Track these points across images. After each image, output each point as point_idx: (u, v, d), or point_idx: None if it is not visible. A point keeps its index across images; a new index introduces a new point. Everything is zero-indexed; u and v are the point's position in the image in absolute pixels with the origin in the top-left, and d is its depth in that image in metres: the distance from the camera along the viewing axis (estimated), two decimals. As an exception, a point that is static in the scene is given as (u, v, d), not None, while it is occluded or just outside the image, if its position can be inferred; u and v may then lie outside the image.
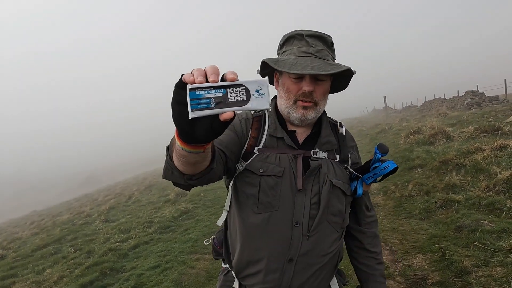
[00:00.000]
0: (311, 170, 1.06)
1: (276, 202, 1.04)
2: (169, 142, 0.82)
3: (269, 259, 1.04)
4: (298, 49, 1.03)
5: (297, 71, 0.96)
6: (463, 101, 16.61)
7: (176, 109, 0.62)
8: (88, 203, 15.42)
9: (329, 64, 1.00)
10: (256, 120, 1.14)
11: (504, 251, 2.81)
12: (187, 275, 3.76)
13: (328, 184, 1.07)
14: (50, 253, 6.10)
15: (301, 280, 1.06)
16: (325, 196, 1.06)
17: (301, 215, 1.04)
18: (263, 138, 1.09)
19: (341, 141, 1.17)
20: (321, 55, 1.02)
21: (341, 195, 1.11)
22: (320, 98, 1.07)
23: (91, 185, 42.28)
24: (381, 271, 1.25)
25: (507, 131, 6.45)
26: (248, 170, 1.07)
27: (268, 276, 1.05)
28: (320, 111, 1.10)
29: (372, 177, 1.09)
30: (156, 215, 7.29)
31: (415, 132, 8.78)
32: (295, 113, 1.07)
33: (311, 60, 0.99)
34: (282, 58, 1.04)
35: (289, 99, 1.07)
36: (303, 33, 1.03)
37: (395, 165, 1.06)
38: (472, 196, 4.10)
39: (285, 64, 0.99)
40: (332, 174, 1.09)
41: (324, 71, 0.96)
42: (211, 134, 0.63)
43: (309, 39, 1.02)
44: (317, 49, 1.02)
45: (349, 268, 3.19)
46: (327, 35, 1.05)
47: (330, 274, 1.15)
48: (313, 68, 0.96)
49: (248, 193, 1.07)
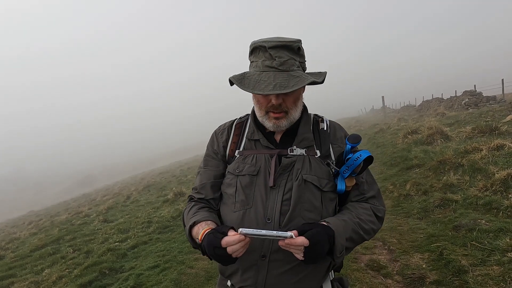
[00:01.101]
0: (282, 167, 1.10)
1: (250, 199, 1.10)
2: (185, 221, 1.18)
3: (243, 256, 1.06)
4: (263, 62, 1.04)
5: (259, 92, 1.00)
6: (460, 101, 16.69)
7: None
8: (86, 203, 15.40)
9: (293, 78, 1.01)
10: (237, 127, 1.26)
11: (501, 250, 2.83)
12: (186, 274, 3.77)
13: (299, 179, 1.08)
14: (48, 253, 6.08)
15: (276, 277, 1.06)
16: (295, 192, 1.07)
17: (273, 211, 1.07)
18: (243, 142, 1.21)
19: (321, 136, 1.19)
20: (285, 68, 1.02)
21: (316, 190, 1.09)
22: (290, 106, 1.11)
23: (89, 185, 42.17)
24: (351, 219, 1.08)
25: (504, 131, 6.50)
26: (228, 172, 1.19)
27: (245, 274, 1.09)
28: (294, 117, 1.14)
29: (348, 169, 1.06)
30: (155, 215, 7.29)
31: (413, 132, 8.82)
32: (268, 123, 1.13)
33: (274, 76, 1.01)
34: (248, 72, 1.07)
35: (261, 110, 1.13)
36: (266, 45, 1.02)
37: (368, 154, 1.04)
38: (469, 196, 4.13)
39: (250, 83, 1.03)
40: (306, 170, 1.10)
41: (287, 87, 0.98)
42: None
43: (272, 51, 1.02)
44: (281, 62, 1.01)
45: (347, 268, 3.22)
46: (292, 42, 1.03)
47: (317, 275, 1.11)
48: (275, 86, 0.99)
49: (228, 193, 1.16)
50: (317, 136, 1.19)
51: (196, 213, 1.15)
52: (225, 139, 1.25)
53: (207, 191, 1.21)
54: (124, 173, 42.07)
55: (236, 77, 1.06)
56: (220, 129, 1.30)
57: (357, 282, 2.95)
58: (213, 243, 0.93)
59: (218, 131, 1.30)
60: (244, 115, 1.30)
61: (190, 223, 1.09)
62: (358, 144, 1.07)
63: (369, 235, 1.12)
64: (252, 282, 1.07)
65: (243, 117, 1.30)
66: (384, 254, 3.44)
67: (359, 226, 1.08)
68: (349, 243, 1.05)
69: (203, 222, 1.07)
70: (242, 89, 1.04)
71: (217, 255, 0.94)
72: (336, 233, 0.98)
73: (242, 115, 1.32)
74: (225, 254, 0.91)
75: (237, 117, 1.31)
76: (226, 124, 1.31)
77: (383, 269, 3.11)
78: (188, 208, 1.22)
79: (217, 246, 0.92)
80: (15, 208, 33.20)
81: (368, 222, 1.11)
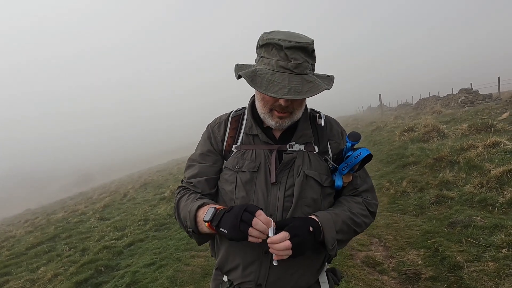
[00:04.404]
0: (284, 163, 1.09)
1: (251, 196, 1.08)
2: (186, 222, 1.08)
3: (246, 252, 1.06)
4: (277, 62, 0.99)
5: (273, 95, 0.96)
6: (457, 99, 16.75)
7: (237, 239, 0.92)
8: (83, 201, 15.33)
9: (307, 83, 0.98)
10: (234, 120, 1.22)
11: (496, 246, 2.85)
12: (183, 272, 3.76)
13: (301, 175, 1.08)
14: (44, 251, 6.05)
15: (277, 273, 1.06)
16: (298, 187, 1.06)
17: (275, 208, 1.06)
18: (240, 136, 1.17)
19: (319, 132, 1.18)
20: (299, 71, 0.98)
21: (316, 185, 1.09)
22: (297, 107, 1.09)
23: (86, 184, 42.02)
24: (343, 212, 1.09)
25: (500, 129, 6.53)
26: (226, 167, 1.15)
27: (246, 270, 1.08)
28: (297, 117, 1.12)
29: (347, 167, 1.06)
30: (152, 212, 7.27)
31: (409, 129, 8.85)
32: (271, 120, 1.10)
33: (288, 79, 0.97)
34: (259, 70, 1.01)
35: (265, 107, 1.09)
36: (283, 45, 0.97)
37: (368, 152, 1.03)
38: (465, 193, 4.15)
39: (262, 82, 0.98)
40: (307, 165, 1.10)
41: (301, 93, 0.95)
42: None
43: (288, 52, 0.97)
44: (296, 64, 0.97)
45: (343, 264, 3.22)
46: (308, 43, 0.99)
47: (315, 269, 1.14)
48: (289, 90, 0.95)
49: (226, 189, 1.13)
50: (315, 132, 1.18)
51: (200, 198, 1.12)
52: (222, 133, 1.21)
53: (204, 187, 1.17)
54: (121, 172, 41.93)
55: (247, 74, 1.00)
56: (216, 122, 1.25)
57: (353, 278, 2.95)
58: (240, 216, 0.91)
59: (213, 125, 1.25)
60: (240, 108, 1.27)
61: (198, 203, 1.05)
62: (358, 142, 1.06)
63: (361, 228, 1.12)
64: (253, 278, 1.07)
65: (239, 110, 1.26)
66: (380, 251, 3.45)
67: (350, 219, 1.08)
68: (341, 235, 1.05)
69: (212, 204, 1.06)
70: (253, 87, 1.00)
71: (237, 229, 0.90)
72: (324, 225, 1.00)
73: (238, 108, 1.28)
74: (246, 231, 0.90)
75: (232, 110, 1.27)
76: (222, 117, 1.26)
77: (379, 266, 3.12)
78: (185, 195, 1.17)
79: (244, 220, 0.90)
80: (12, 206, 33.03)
81: (359, 215, 1.11)
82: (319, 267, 1.16)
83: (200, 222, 1.02)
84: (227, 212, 0.95)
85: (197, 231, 1.05)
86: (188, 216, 1.06)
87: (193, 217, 1.04)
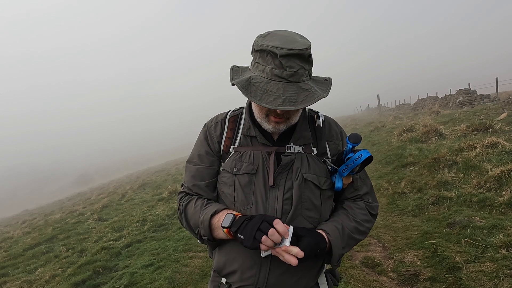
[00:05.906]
0: (282, 166, 1.08)
1: (250, 199, 1.07)
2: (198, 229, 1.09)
3: (245, 256, 1.05)
4: (271, 70, 0.95)
5: (267, 105, 0.93)
6: (455, 100, 16.79)
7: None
8: (81, 202, 15.30)
9: (303, 91, 0.96)
10: (232, 121, 1.20)
11: (494, 246, 2.85)
12: (181, 273, 3.74)
13: (299, 178, 1.07)
14: (42, 252, 6.03)
15: (277, 277, 1.06)
16: (296, 191, 1.06)
17: (274, 211, 1.05)
18: (238, 137, 1.16)
19: (317, 134, 1.17)
20: (294, 79, 0.96)
21: (315, 189, 1.09)
22: (292, 113, 1.08)
23: (85, 184, 41.92)
24: (348, 224, 1.11)
25: (498, 129, 6.54)
26: (224, 170, 1.14)
27: (245, 274, 1.07)
28: (293, 121, 1.11)
29: (347, 169, 1.06)
30: (150, 213, 7.25)
31: (408, 130, 8.87)
32: (267, 125, 1.09)
33: (283, 89, 0.94)
34: (254, 78, 0.98)
35: (261, 112, 1.08)
36: (277, 53, 0.94)
37: (369, 154, 1.03)
38: (463, 193, 4.15)
39: (257, 92, 0.96)
40: (305, 168, 1.09)
41: (296, 103, 0.93)
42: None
43: (283, 60, 0.94)
44: (291, 73, 0.94)
45: (342, 265, 3.22)
46: (304, 49, 0.95)
47: (314, 271, 1.14)
48: (284, 101, 0.93)
49: (226, 192, 1.12)
50: (314, 133, 1.16)
51: (208, 204, 1.12)
52: (219, 134, 1.18)
53: (205, 192, 1.16)
54: (120, 172, 41.86)
55: (241, 83, 0.97)
56: (213, 122, 1.23)
57: (352, 279, 2.95)
58: (259, 225, 0.93)
59: (210, 125, 1.22)
60: (238, 108, 1.25)
61: (211, 212, 1.05)
62: (358, 144, 1.05)
63: (364, 235, 1.14)
64: (252, 281, 1.06)
65: (237, 110, 1.23)
66: (378, 251, 3.45)
67: (356, 230, 1.10)
68: (346, 248, 1.08)
69: (226, 209, 1.07)
70: (248, 98, 0.97)
71: (252, 237, 0.92)
72: (333, 244, 1.02)
73: (236, 108, 1.25)
74: (260, 239, 0.91)
75: (230, 110, 1.25)
76: (219, 117, 1.23)
77: (378, 266, 3.12)
78: (191, 201, 1.15)
79: (261, 230, 0.91)
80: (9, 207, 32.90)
81: (363, 222, 1.13)
82: (318, 269, 1.15)
83: (216, 228, 1.04)
84: (247, 220, 0.96)
85: (212, 238, 1.06)
86: (201, 225, 1.07)
87: (207, 225, 1.05)
